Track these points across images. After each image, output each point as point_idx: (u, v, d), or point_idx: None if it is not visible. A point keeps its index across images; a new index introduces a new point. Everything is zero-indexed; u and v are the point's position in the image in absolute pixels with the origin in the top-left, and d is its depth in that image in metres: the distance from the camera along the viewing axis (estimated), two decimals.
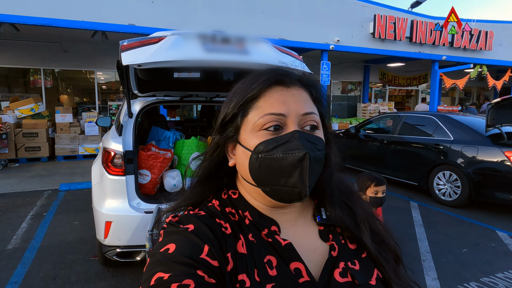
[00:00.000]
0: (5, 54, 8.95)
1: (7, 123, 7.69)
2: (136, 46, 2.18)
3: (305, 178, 0.56)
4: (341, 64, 12.72)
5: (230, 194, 0.68)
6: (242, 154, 0.62)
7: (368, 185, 2.24)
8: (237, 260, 0.58)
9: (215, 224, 0.60)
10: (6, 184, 6.07)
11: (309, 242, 0.65)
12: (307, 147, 0.57)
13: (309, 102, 0.63)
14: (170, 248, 0.54)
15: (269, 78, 0.62)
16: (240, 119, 0.62)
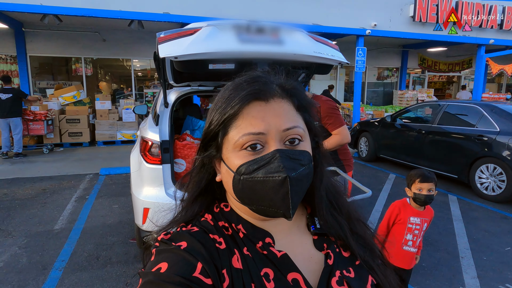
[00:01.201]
0: (49, 43, 9.42)
1: (52, 109, 8.16)
2: (172, 38, 2.21)
3: (287, 201, 0.55)
4: (378, 50, 12.22)
5: (222, 207, 0.67)
6: (226, 173, 0.61)
7: (413, 181, 2.16)
8: (233, 276, 0.56)
9: (209, 240, 0.59)
10: (53, 167, 6.49)
11: (305, 252, 0.64)
12: (289, 168, 0.55)
13: (291, 114, 0.60)
14: (162, 267, 0.53)
15: (247, 95, 0.59)
16: (221, 138, 0.61)
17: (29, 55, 9.43)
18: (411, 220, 2.20)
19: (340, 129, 2.59)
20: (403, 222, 2.20)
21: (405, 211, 2.23)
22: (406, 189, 2.27)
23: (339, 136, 2.58)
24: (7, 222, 3.99)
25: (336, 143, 2.58)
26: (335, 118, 2.60)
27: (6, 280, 2.84)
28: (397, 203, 2.28)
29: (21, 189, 5.24)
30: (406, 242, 2.21)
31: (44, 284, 2.80)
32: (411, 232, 2.21)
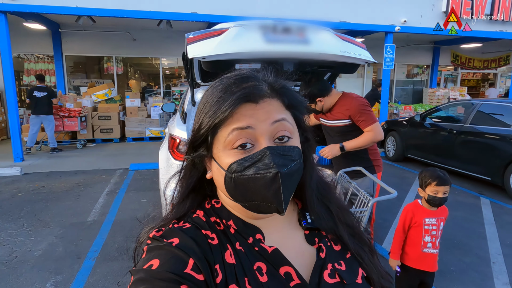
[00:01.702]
0: (83, 43, 9.84)
1: (86, 107, 8.54)
2: (200, 38, 2.27)
3: (279, 197, 0.55)
4: (407, 46, 11.85)
5: (213, 203, 0.67)
6: (217, 171, 0.62)
7: (428, 183, 2.10)
8: (226, 271, 0.57)
9: (201, 236, 0.59)
10: (86, 162, 6.80)
11: (296, 246, 0.65)
12: (280, 164, 0.56)
13: (280, 110, 0.61)
14: (154, 264, 0.53)
15: (237, 99, 0.59)
16: (211, 139, 0.61)
17: (65, 55, 9.89)
18: (427, 221, 2.16)
19: (373, 125, 2.55)
20: (419, 224, 2.16)
21: (419, 213, 2.18)
22: (419, 190, 2.21)
23: (372, 133, 2.55)
24: (44, 213, 4.24)
25: (369, 140, 2.55)
26: (367, 115, 2.56)
27: (44, 267, 3.03)
28: (409, 207, 2.24)
29: (57, 182, 5.54)
30: (425, 244, 2.17)
31: (78, 272, 2.96)
32: (428, 234, 2.16)
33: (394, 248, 2.26)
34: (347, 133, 2.66)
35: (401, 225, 2.23)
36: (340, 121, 2.67)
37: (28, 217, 4.10)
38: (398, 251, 2.24)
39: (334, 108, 2.69)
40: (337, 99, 2.68)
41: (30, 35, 9.31)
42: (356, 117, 2.57)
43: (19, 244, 3.45)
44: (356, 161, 2.60)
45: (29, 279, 2.86)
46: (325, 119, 2.81)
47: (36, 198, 4.78)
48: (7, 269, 3.00)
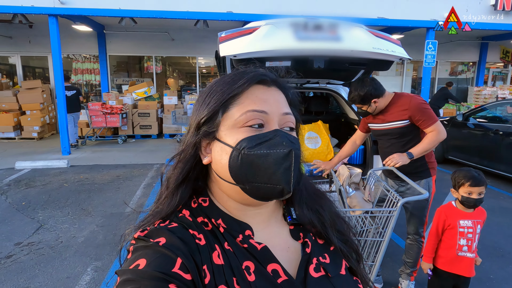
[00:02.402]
0: (125, 43, 10.34)
1: (127, 104, 8.97)
2: (232, 37, 2.33)
3: (290, 174, 0.57)
4: (451, 42, 11.24)
5: (200, 202, 0.66)
6: (220, 150, 0.61)
7: (462, 183, 2.01)
8: (214, 272, 0.56)
9: (188, 236, 0.58)
10: (125, 157, 7.16)
11: (282, 242, 0.66)
12: (290, 145, 0.58)
13: (286, 104, 0.65)
14: (141, 263, 0.52)
15: (253, 76, 0.62)
16: (221, 115, 0.62)
17: (109, 55, 10.45)
18: (461, 224, 2.06)
19: (435, 125, 2.34)
20: (453, 226, 2.07)
21: (452, 215, 2.09)
22: (452, 190, 2.11)
23: (435, 133, 2.33)
24: (87, 203, 4.53)
25: (435, 141, 2.33)
26: (428, 114, 2.35)
27: (86, 253, 3.26)
28: (442, 209, 2.15)
29: (100, 174, 5.89)
30: (460, 247, 2.08)
31: (116, 259, 3.15)
32: (464, 237, 2.06)
33: (427, 251, 2.19)
34: (405, 134, 2.46)
35: (434, 228, 2.15)
36: (397, 122, 2.44)
37: (73, 206, 4.41)
38: (431, 254, 2.17)
39: (388, 109, 2.46)
40: (390, 99, 2.47)
41: (77, 37, 9.93)
42: (416, 117, 2.36)
43: (65, 231, 3.72)
44: (412, 164, 2.36)
45: (72, 263, 3.08)
46: (376, 123, 2.56)
47: (81, 189, 5.11)
48: (53, 253, 3.26)
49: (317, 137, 3.51)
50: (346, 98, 3.55)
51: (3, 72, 10.41)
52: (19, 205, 4.44)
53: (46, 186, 5.26)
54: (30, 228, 3.79)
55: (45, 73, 10.68)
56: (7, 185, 5.29)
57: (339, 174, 2.36)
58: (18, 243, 3.45)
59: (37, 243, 3.45)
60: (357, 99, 2.37)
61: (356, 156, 3.39)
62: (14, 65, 10.33)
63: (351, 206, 2.12)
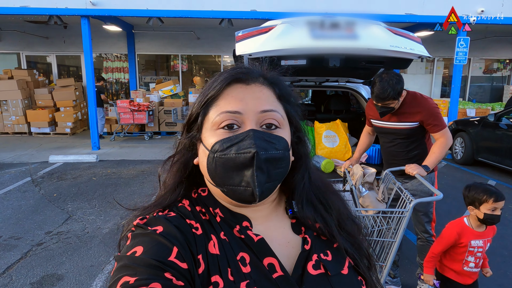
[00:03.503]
0: (153, 43, 10.64)
1: (153, 101, 9.24)
2: (248, 36, 2.37)
3: (253, 177, 0.55)
4: (486, 39, 10.71)
5: (199, 192, 0.67)
6: (202, 153, 0.62)
7: (484, 200, 1.90)
8: (209, 262, 0.56)
9: (185, 225, 0.59)
10: (151, 153, 7.39)
11: (282, 236, 0.65)
12: (260, 147, 0.56)
13: (271, 100, 0.62)
14: (138, 251, 0.53)
15: (228, 76, 0.62)
16: (201, 118, 0.63)
17: (137, 54, 10.80)
18: (473, 244, 1.97)
19: (445, 130, 2.29)
20: (464, 245, 1.98)
21: (466, 235, 1.98)
22: (471, 208, 1.98)
23: (444, 140, 2.28)
24: (113, 196, 4.73)
25: (445, 148, 2.27)
26: (440, 119, 2.29)
27: (110, 244, 3.42)
28: (454, 228, 2.02)
29: (126, 169, 6.12)
30: (467, 263, 2.00)
31: None
32: (472, 255, 1.99)
33: (429, 263, 2.07)
34: (411, 136, 2.40)
35: (441, 245, 2.04)
36: (406, 123, 2.36)
37: (99, 199, 4.63)
38: (432, 265, 2.07)
39: (401, 109, 2.36)
40: (403, 98, 2.36)
41: (108, 37, 10.33)
42: (429, 120, 2.28)
43: (91, 222, 3.92)
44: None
45: (97, 253, 3.25)
46: (383, 120, 2.48)
47: (108, 182, 5.35)
48: (80, 242, 3.44)
49: (335, 136, 3.48)
50: (366, 96, 3.49)
51: (40, 70, 11.00)
52: (51, 197, 4.71)
53: (76, 179, 5.54)
54: (60, 218, 4.02)
55: (78, 71, 11.19)
56: (41, 177, 5.62)
57: (352, 173, 2.34)
58: (48, 232, 3.68)
59: (65, 232, 3.66)
60: (393, 94, 2.23)
61: (374, 155, 3.34)
62: (50, 64, 10.90)
63: (364, 206, 2.11)
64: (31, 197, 4.70)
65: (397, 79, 2.23)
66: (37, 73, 9.97)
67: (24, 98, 9.04)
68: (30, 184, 5.25)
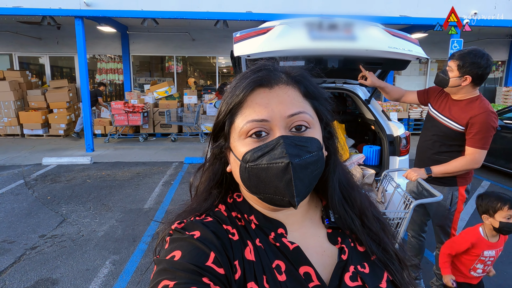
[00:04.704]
0: (148, 44, 10.59)
1: (148, 103, 9.18)
2: (246, 37, 2.35)
3: (291, 188, 0.54)
4: (479, 41, 10.83)
5: (235, 197, 0.67)
6: (233, 162, 0.61)
7: (499, 208, 1.87)
8: (245, 268, 0.56)
9: (222, 231, 0.59)
10: (146, 154, 7.33)
11: (317, 245, 0.63)
12: (293, 154, 0.54)
13: (296, 100, 0.59)
14: (176, 255, 0.54)
15: (250, 82, 0.59)
16: (228, 128, 0.61)
17: (132, 55, 10.73)
18: (485, 254, 1.96)
19: (479, 151, 2.06)
20: (476, 255, 1.97)
21: (479, 246, 1.96)
22: (485, 217, 1.95)
23: (471, 158, 2.07)
24: (108, 199, 4.68)
25: (463, 166, 2.09)
26: (486, 138, 2.06)
27: (105, 247, 3.37)
28: (470, 238, 1.98)
29: (121, 171, 6.06)
30: (475, 269, 2.00)
31: (133, 254, 3.24)
32: (483, 263, 1.98)
33: (444, 263, 2.04)
34: (449, 138, 2.19)
35: (452, 249, 2.01)
36: (454, 123, 2.14)
37: (94, 201, 4.57)
38: (448, 265, 2.04)
39: (458, 104, 2.15)
40: (471, 96, 2.13)
41: (102, 38, 10.25)
42: (474, 128, 2.05)
43: (86, 225, 3.87)
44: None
45: (92, 256, 3.20)
46: (437, 108, 2.27)
47: (102, 185, 5.29)
48: (75, 246, 3.39)
49: None
50: (363, 98, 3.50)
51: (33, 72, 10.89)
52: (45, 199, 4.64)
53: (70, 181, 5.47)
54: (54, 221, 3.96)
55: (72, 72, 11.09)
56: (34, 180, 5.54)
57: None
58: (42, 235, 3.62)
59: (60, 235, 3.61)
60: (460, 58, 2.01)
61: (372, 157, 3.34)
62: (43, 65, 10.79)
63: None
64: (24, 200, 4.63)
65: (482, 63, 1.99)
66: (30, 74, 9.85)
67: (16, 99, 8.93)
68: (23, 187, 5.17)
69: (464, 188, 2.25)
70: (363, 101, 3.45)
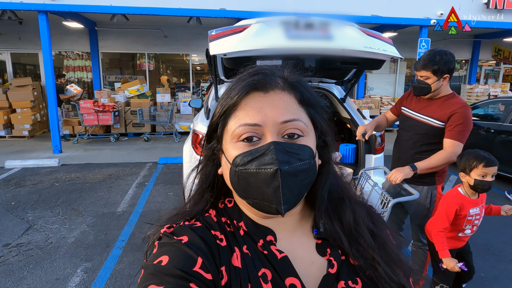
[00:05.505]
0: (118, 40, 10.22)
1: (119, 102, 8.88)
2: (222, 35, 2.30)
3: (278, 195, 0.53)
4: (444, 40, 11.29)
5: (226, 203, 0.66)
6: (225, 164, 0.60)
7: (474, 166, 1.88)
8: (231, 275, 0.56)
9: (209, 236, 0.59)
10: (118, 155, 7.09)
11: (306, 255, 0.61)
12: (282, 161, 0.53)
13: (291, 107, 0.58)
14: (163, 260, 0.53)
15: (245, 85, 0.58)
16: (221, 130, 0.61)
17: (101, 52, 10.33)
18: (471, 213, 1.98)
19: (457, 144, 2.10)
20: (463, 216, 1.97)
21: (464, 204, 1.96)
22: (462, 175, 1.97)
23: (450, 151, 2.09)
24: (78, 203, 4.47)
25: (445, 159, 2.09)
26: (465, 131, 2.12)
27: (76, 254, 3.21)
28: (452, 199, 1.98)
29: (91, 173, 5.82)
30: (463, 231, 2.03)
31: (107, 260, 3.11)
32: (471, 223, 2.01)
33: (440, 245, 1.95)
34: (429, 136, 2.23)
35: (443, 219, 1.96)
36: (433, 120, 2.21)
37: (63, 206, 4.36)
38: (445, 246, 1.95)
39: (435, 102, 2.22)
40: (446, 94, 2.22)
41: (69, 33, 9.79)
42: (454, 122, 2.11)
43: (55, 231, 3.67)
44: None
45: (62, 264, 3.04)
46: (413, 109, 2.34)
47: (72, 188, 5.05)
48: (43, 254, 3.21)
49: None
50: (339, 96, 3.53)
51: None
52: (9, 205, 4.37)
53: (37, 185, 5.19)
54: (19, 228, 3.73)
55: (36, 70, 10.53)
56: None
57: None
58: (6, 244, 3.40)
59: (26, 244, 3.40)
60: (437, 63, 2.09)
61: (348, 155, 3.39)
62: (4, 62, 10.17)
63: None
64: None
65: (450, 58, 2.11)
66: None
67: None
68: None
69: (441, 186, 2.31)
70: (339, 100, 3.48)
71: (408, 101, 2.42)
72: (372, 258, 0.60)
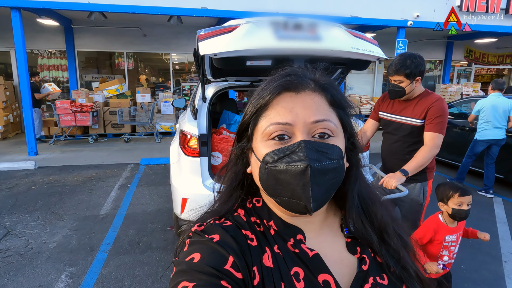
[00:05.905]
0: (95, 39, 9.94)
1: (97, 102, 8.65)
2: (212, 35, 2.28)
3: (307, 192, 0.53)
4: (420, 41, 11.66)
5: (254, 202, 0.67)
6: (254, 163, 0.61)
7: (451, 195, 2.02)
8: (263, 274, 0.56)
9: (241, 236, 0.59)
10: (98, 157, 6.90)
11: (336, 253, 0.63)
12: (312, 159, 0.53)
13: (322, 108, 0.59)
14: (195, 257, 0.54)
15: (277, 86, 0.60)
16: (252, 128, 0.62)
17: (77, 50, 10.00)
18: (447, 239, 2.10)
19: (438, 136, 2.18)
20: (439, 242, 2.10)
21: (440, 231, 2.10)
22: (441, 204, 2.12)
23: (431, 145, 2.18)
24: (58, 206, 4.33)
25: (429, 155, 2.17)
26: (442, 123, 2.21)
27: (59, 259, 3.11)
28: (431, 225, 2.12)
29: (70, 176, 5.64)
30: (441, 257, 2.14)
31: (92, 264, 3.03)
32: (447, 249, 2.12)
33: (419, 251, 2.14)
34: (414, 134, 2.31)
35: (418, 237, 2.11)
36: (414, 119, 2.30)
37: (42, 210, 4.20)
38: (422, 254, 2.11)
39: (412, 102, 2.33)
40: (420, 93, 2.33)
41: (43, 31, 9.44)
42: (433, 116, 2.20)
43: (35, 236, 3.54)
44: None
45: (45, 271, 2.94)
46: (392, 113, 2.43)
47: (50, 191, 4.88)
48: (23, 260, 3.09)
49: None
50: None
51: None
52: None
53: (12, 189, 4.98)
54: None
55: (8, 69, 10.08)
56: None
57: None
58: None
59: (4, 250, 3.27)
60: (409, 68, 2.18)
61: None
62: None
63: None
64: None
65: (420, 61, 2.23)
66: None
67: None
68: None
69: (431, 181, 2.41)
70: None
71: (385, 105, 2.53)
72: (400, 258, 0.63)
